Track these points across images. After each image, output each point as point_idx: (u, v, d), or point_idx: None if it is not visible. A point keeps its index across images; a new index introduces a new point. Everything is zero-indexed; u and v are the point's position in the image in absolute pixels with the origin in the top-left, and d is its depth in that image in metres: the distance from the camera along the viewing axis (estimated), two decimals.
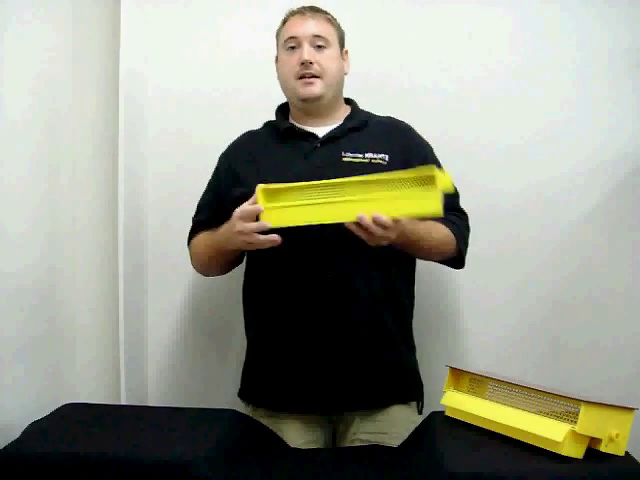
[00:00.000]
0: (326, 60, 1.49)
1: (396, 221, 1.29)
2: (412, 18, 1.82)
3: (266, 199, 1.34)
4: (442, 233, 1.48)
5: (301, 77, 1.49)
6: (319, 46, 1.49)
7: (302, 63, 1.47)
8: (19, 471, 1.16)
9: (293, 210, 1.33)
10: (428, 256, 1.54)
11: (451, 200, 1.54)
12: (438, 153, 1.57)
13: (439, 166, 1.55)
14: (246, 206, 1.35)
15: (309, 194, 1.34)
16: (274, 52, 1.58)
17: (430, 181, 1.25)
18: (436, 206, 1.25)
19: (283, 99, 1.60)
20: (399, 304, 1.53)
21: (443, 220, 1.48)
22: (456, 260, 1.55)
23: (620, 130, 1.77)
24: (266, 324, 1.53)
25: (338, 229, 1.43)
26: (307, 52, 1.48)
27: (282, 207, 1.33)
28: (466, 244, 1.55)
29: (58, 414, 1.38)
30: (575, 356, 1.78)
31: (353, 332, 1.46)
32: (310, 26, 1.50)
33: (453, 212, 1.53)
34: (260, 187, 1.34)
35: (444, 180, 1.25)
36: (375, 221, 1.27)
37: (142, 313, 1.86)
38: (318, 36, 1.49)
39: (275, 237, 1.32)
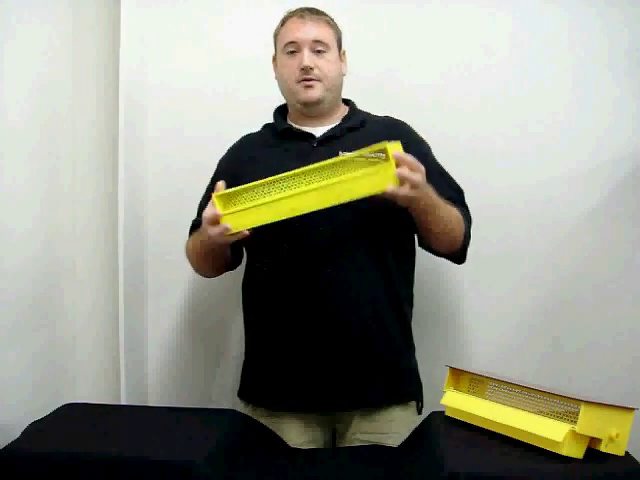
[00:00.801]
0: (326, 64, 1.49)
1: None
2: (411, 18, 1.82)
3: (223, 205, 1.35)
4: (455, 212, 1.46)
5: (301, 81, 1.49)
6: (319, 51, 1.49)
7: (302, 69, 1.47)
8: (19, 471, 1.16)
9: (252, 212, 1.34)
10: (443, 232, 1.46)
11: (456, 196, 1.54)
12: (437, 153, 1.57)
13: (434, 164, 1.55)
14: (207, 212, 1.37)
15: (266, 191, 1.35)
16: (273, 52, 1.58)
17: (384, 155, 1.28)
18: (393, 179, 1.27)
19: (282, 99, 1.59)
20: (398, 304, 1.53)
21: (455, 205, 1.48)
22: (459, 252, 1.52)
23: (620, 130, 1.77)
24: (265, 324, 1.52)
25: (337, 230, 1.44)
26: (307, 58, 1.47)
27: (239, 211, 1.34)
28: (469, 237, 1.52)
29: (58, 414, 1.38)
30: (575, 356, 1.78)
31: (352, 332, 1.46)
32: (310, 31, 1.49)
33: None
34: (215, 194, 1.35)
35: (396, 149, 1.28)
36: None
37: (142, 313, 1.86)
38: (318, 41, 1.49)
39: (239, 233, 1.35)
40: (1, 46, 1.41)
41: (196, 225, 1.60)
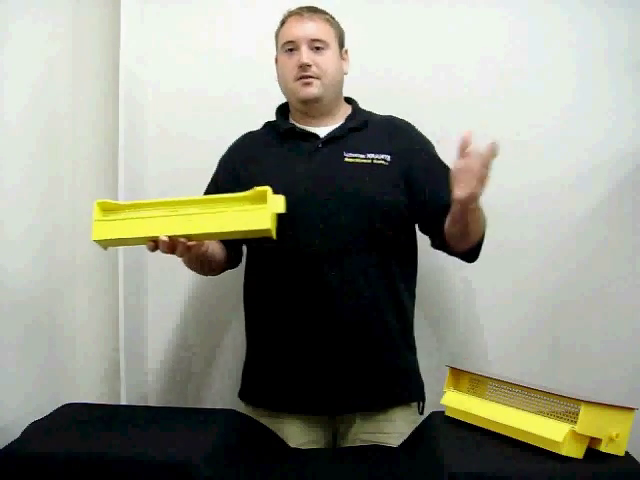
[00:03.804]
0: (324, 62, 1.49)
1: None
2: (413, 17, 1.82)
3: (102, 213, 1.33)
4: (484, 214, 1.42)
5: (300, 78, 1.49)
6: (317, 48, 1.49)
7: (300, 66, 1.47)
8: (19, 471, 1.16)
9: (123, 223, 1.31)
10: (475, 233, 1.42)
11: None
12: (439, 152, 1.57)
13: (441, 164, 1.54)
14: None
15: (146, 210, 1.32)
16: (273, 53, 1.58)
17: (262, 199, 1.26)
18: (266, 223, 1.25)
19: (282, 99, 1.59)
20: (400, 304, 1.53)
21: None
22: (474, 250, 1.48)
23: (620, 130, 1.77)
24: (266, 324, 1.52)
25: (337, 231, 1.43)
26: (305, 55, 1.47)
27: (112, 220, 1.32)
28: (484, 235, 1.48)
29: (58, 414, 1.38)
30: (575, 356, 1.78)
31: (354, 333, 1.46)
32: (308, 28, 1.49)
33: None
34: (96, 201, 1.33)
35: (276, 201, 1.26)
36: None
37: (142, 313, 1.86)
38: (316, 39, 1.48)
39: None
40: (1, 46, 1.41)
41: None
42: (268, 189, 1.27)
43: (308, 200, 1.43)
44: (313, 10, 1.52)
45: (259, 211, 1.26)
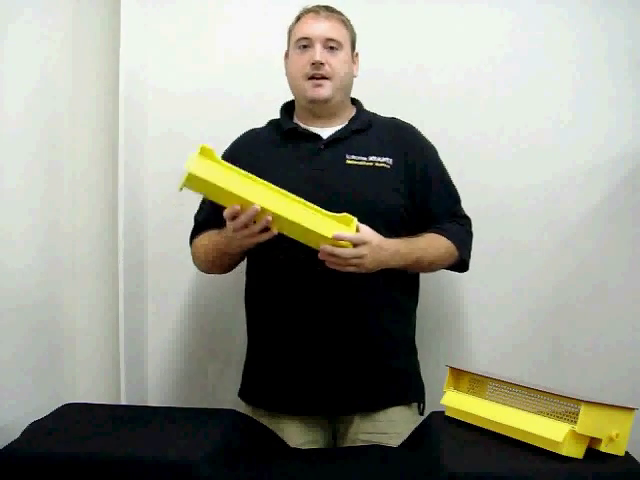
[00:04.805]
0: (337, 63, 1.48)
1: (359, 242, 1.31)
2: (414, 17, 1.82)
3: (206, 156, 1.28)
4: (442, 247, 1.49)
5: (311, 78, 1.48)
6: (331, 47, 1.48)
7: (313, 64, 1.47)
8: (19, 471, 1.16)
9: (225, 173, 1.27)
10: (432, 270, 1.54)
11: (452, 206, 1.54)
12: (440, 152, 1.57)
13: (438, 170, 1.55)
14: (226, 211, 1.30)
15: (240, 176, 1.30)
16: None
17: (347, 223, 1.33)
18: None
19: (282, 100, 1.59)
20: (400, 306, 1.53)
21: (443, 231, 1.49)
22: (459, 266, 1.56)
23: (620, 130, 1.77)
24: (267, 325, 1.52)
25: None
26: (319, 53, 1.47)
27: (216, 165, 1.28)
28: (469, 250, 1.55)
29: (58, 414, 1.37)
30: (575, 356, 1.78)
31: (354, 334, 1.46)
32: (324, 27, 1.49)
33: (454, 219, 1.54)
34: (201, 145, 1.28)
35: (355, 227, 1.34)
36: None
37: (142, 313, 1.86)
38: (331, 39, 1.48)
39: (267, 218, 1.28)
40: (1, 47, 1.41)
41: (200, 224, 1.58)
42: (354, 219, 1.33)
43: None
44: (330, 10, 1.52)
45: (345, 228, 1.33)
